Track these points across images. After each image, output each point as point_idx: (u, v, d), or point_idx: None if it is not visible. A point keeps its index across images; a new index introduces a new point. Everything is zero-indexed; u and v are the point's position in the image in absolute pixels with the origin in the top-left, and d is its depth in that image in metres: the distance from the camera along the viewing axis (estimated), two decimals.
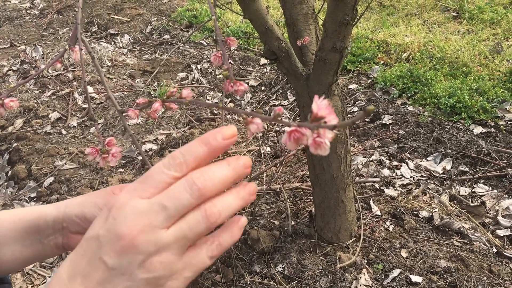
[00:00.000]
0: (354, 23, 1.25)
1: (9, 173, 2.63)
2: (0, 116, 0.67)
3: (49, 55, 4.07)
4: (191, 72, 3.71)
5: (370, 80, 3.19)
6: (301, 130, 0.38)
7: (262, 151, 2.53)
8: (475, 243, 1.84)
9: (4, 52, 4.24)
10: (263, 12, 1.37)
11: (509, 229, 1.92)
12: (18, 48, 4.30)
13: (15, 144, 2.79)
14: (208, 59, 3.86)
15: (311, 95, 1.51)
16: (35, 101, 3.27)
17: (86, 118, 3.12)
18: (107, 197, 0.66)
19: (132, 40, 4.45)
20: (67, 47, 0.53)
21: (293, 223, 1.96)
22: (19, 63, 3.93)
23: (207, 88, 3.48)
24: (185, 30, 4.59)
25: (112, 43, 4.37)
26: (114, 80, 3.61)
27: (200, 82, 3.58)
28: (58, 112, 3.15)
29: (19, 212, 0.66)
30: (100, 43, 4.33)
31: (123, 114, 0.54)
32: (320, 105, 0.37)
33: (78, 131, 2.98)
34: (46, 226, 0.65)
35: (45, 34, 4.63)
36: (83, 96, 3.36)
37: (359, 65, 3.37)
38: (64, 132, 2.96)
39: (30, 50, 4.16)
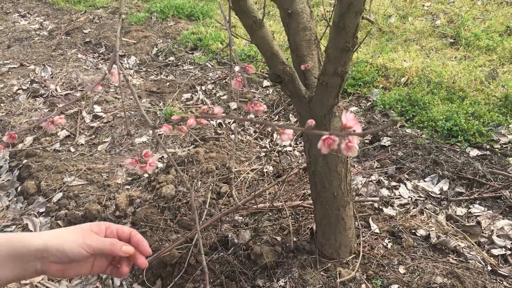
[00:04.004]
0: (354, 49, 1.34)
1: (19, 189, 2.70)
2: (48, 131, 0.75)
3: (58, 75, 4.19)
4: (196, 93, 3.82)
5: (369, 103, 3.29)
6: (332, 137, 0.48)
7: (265, 170, 2.61)
8: (470, 261, 1.90)
9: (14, 71, 4.36)
10: (269, 38, 1.47)
11: (504, 248, 1.98)
12: (28, 68, 4.42)
13: (25, 161, 2.87)
14: (212, 81, 3.97)
15: (314, 116, 1.60)
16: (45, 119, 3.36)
17: (93, 136, 3.21)
18: (86, 235, 0.78)
19: (138, 62, 4.58)
20: (107, 71, 0.62)
21: (294, 239, 2.03)
22: (29, 82, 4.04)
23: (212, 109, 3.58)
24: (190, 52, 4.72)
25: (119, 64, 4.50)
26: (121, 100, 3.72)
27: (204, 103, 3.68)
28: (66, 130, 3.24)
29: (3, 237, 0.75)
30: (108, 64, 4.45)
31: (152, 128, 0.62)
32: (348, 118, 0.49)
33: (86, 149, 3.06)
34: (28, 254, 0.74)
35: (54, 54, 4.77)
36: (91, 115, 3.45)
37: (359, 89, 3.47)
38: (72, 149, 3.04)
39: (39, 70, 4.28)
